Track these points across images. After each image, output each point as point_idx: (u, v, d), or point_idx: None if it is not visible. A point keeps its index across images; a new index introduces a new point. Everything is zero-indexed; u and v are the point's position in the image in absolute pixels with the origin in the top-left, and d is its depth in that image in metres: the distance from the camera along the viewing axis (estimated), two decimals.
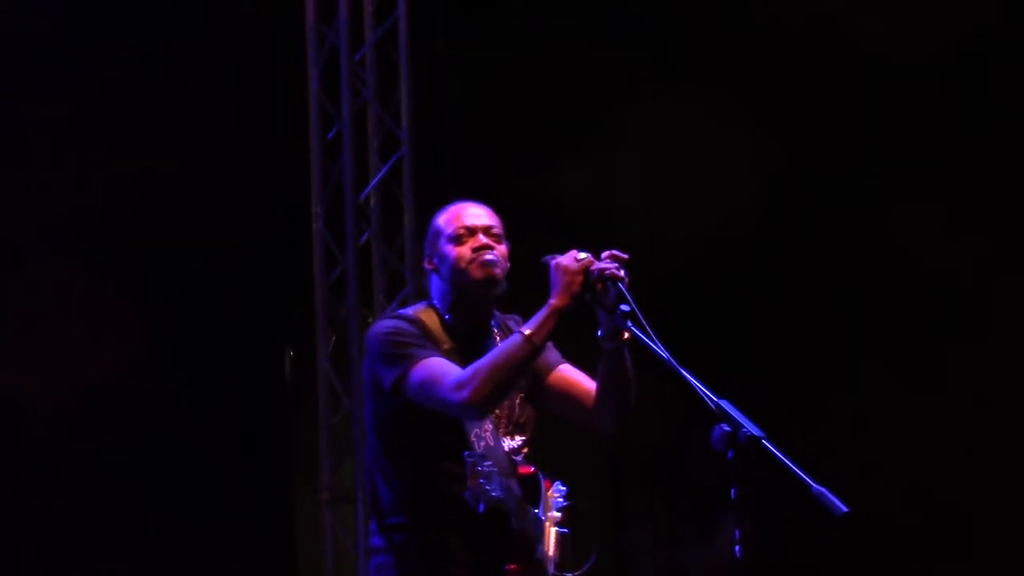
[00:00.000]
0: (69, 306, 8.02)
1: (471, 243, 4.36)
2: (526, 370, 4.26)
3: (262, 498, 8.60)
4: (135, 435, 8.15)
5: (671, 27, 8.51)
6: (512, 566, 4.25)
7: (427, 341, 4.30)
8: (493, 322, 4.47)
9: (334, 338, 8.22)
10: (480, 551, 4.28)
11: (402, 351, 4.27)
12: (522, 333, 4.16)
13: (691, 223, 8.51)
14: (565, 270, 4.15)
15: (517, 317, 4.49)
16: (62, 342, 7.99)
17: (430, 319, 4.38)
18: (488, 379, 4.14)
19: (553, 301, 4.16)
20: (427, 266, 4.45)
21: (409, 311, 4.42)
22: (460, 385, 4.15)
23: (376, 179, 8.19)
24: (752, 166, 8.33)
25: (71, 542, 8.07)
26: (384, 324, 4.37)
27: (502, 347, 4.20)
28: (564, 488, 4.45)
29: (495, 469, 4.10)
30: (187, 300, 8.37)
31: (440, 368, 4.22)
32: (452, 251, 4.37)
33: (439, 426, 4.26)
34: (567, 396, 4.45)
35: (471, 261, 4.34)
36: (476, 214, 4.43)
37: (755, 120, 8.30)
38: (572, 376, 4.47)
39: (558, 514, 4.40)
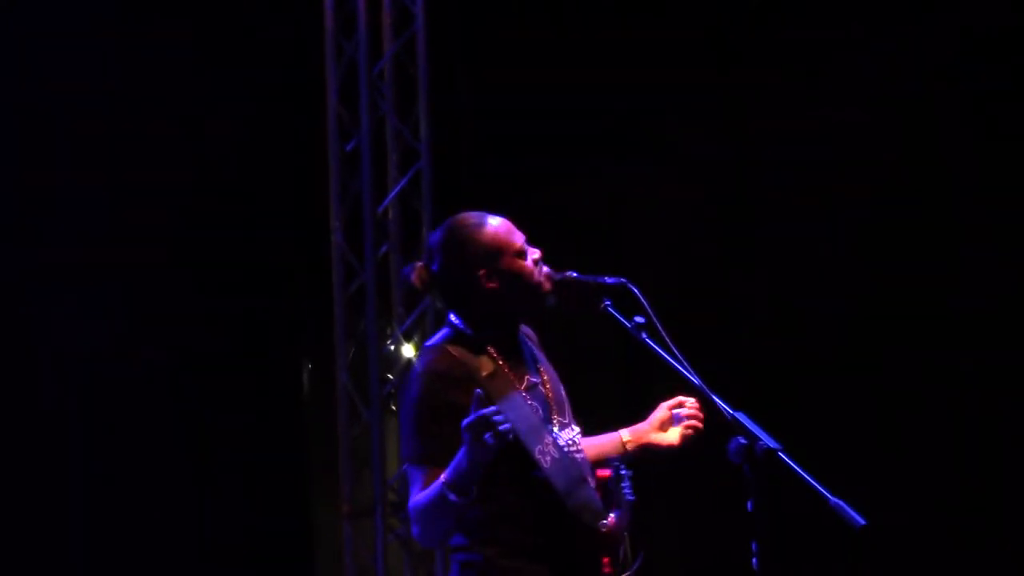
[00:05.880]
0: (87, 315, 8.04)
1: (531, 256, 4.27)
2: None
3: (281, 511, 8.60)
4: (152, 447, 8.16)
5: (686, 33, 8.52)
6: (606, 559, 4.22)
7: (443, 407, 4.16)
8: (520, 335, 4.39)
9: (353, 351, 8.21)
10: (568, 564, 4.21)
11: (409, 436, 4.22)
12: (443, 481, 4.07)
13: (703, 231, 8.52)
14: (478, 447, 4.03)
15: (527, 328, 4.45)
16: (80, 352, 8.01)
17: (465, 349, 4.25)
18: (420, 525, 4.19)
19: (474, 462, 4.04)
20: (490, 285, 4.23)
21: (439, 345, 4.27)
22: (411, 517, 4.21)
23: (394, 192, 8.19)
24: (758, 169, 8.36)
25: (83, 554, 8.07)
26: (414, 387, 4.23)
27: (431, 496, 4.12)
28: None
29: (627, 472, 4.09)
30: (206, 312, 8.38)
31: (413, 484, 4.20)
32: (523, 267, 4.25)
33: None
34: None
35: (543, 276, 4.26)
36: (517, 228, 4.33)
37: (761, 124, 8.33)
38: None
39: None
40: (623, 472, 4.13)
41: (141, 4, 8.21)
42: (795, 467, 3.75)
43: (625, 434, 4.47)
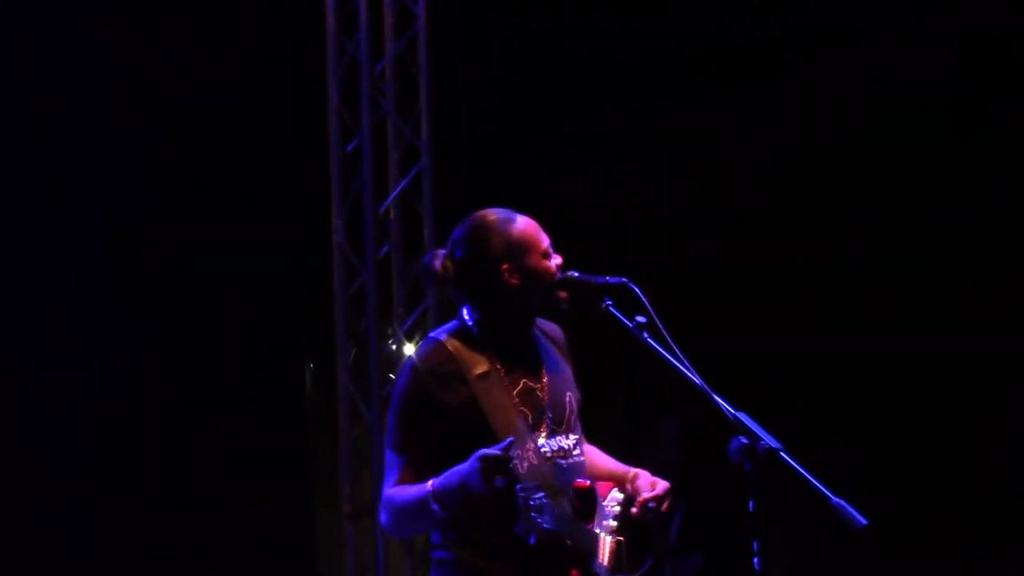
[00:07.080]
0: (88, 319, 8.04)
1: (554, 261, 4.28)
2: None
3: (282, 511, 8.59)
4: (154, 447, 8.16)
5: (688, 37, 8.53)
6: (575, 571, 4.18)
7: (424, 405, 4.19)
8: (532, 333, 4.39)
9: (354, 351, 8.21)
10: (538, 569, 4.17)
11: (392, 425, 4.24)
12: (430, 491, 4.09)
13: (709, 233, 8.52)
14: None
15: (555, 326, 4.47)
16: (81, 354, 8.01)
17: (464, 345, 4.26)
18: (393, 520, 4.22)
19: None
20: (512, 280, 4.23)
21: (442, 336, 4.29)
22: (383, 504, 4.23)
23: (396, 192, 8.19)
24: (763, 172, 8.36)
25: (86, 554, 8.07)
26: (402, 379, 4.26)
27: (413, 497, 4.14)
28: (620, 496, 4.35)
29: (547, 501, 4.01)
30: (207, 312, 8.38)
31: (389, 471, 4.23)
32: (547, 268, 4.26)
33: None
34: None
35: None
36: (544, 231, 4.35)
37: (766, 124, 8.34)
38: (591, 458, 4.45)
39: (613, 523, 4.30)
40: (534, 502, 4.03)
41: (141, 4, 8.21)
42: (797, 467, 3.75)
43: (631, 474, 4.39)
